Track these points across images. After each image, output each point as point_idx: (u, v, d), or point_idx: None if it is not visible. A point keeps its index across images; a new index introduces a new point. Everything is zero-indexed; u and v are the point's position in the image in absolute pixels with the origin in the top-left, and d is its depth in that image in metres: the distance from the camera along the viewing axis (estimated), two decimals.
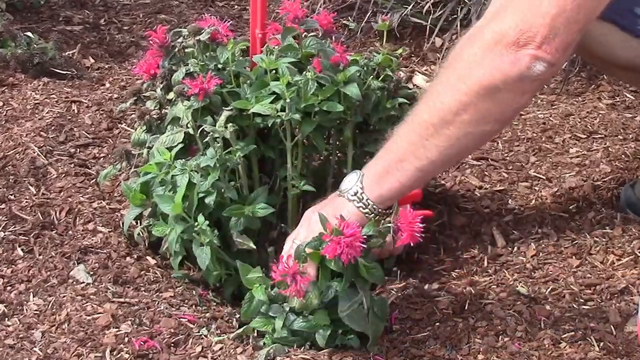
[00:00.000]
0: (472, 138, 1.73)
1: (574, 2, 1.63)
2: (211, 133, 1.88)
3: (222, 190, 1.91)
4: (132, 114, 2.51)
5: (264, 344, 1.82)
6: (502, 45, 1.64)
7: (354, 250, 1.68)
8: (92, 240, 2.09)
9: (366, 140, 2.06)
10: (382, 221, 1.77)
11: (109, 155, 2.41)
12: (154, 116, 2.07)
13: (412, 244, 1.75)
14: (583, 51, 2.21)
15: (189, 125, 1.95)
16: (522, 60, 1.63)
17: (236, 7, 3.52)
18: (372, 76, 2.01)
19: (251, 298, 1.81)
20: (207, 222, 1.86)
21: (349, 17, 3.21)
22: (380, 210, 1.78)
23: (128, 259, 2.05)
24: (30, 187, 2.26)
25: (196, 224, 1.86)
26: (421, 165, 1.75)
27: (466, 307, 1.91)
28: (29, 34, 2.99)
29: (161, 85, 2.03)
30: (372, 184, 1.76)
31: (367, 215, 1.77)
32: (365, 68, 2.02)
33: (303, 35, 1.99)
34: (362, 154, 2.06)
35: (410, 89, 2.09)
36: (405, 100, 2.01)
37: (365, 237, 1.71)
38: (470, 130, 1.71)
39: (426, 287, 2.01)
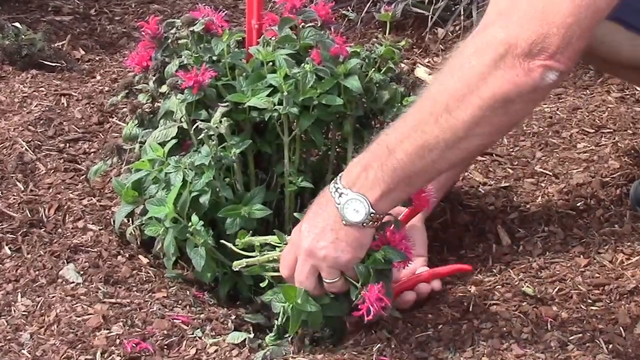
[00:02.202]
0: (482, 148, 1.78)
1: (588, 9, 1.62)
2: (206, 130, 1.88)
3: (217, 189, 1.91)
4: (123, 107, 2.51)
5: (260, 345, 1.82)
6: (513, 56, 1.62)
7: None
8: (82, 238, 2.09)
9: (372, 138, 2.04)
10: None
11: (100, 151, 2.41)
12: (147, 110, 2.07)
13: None
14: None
15: (182, 120, 1.95)
16: (535, 71, 1.62)
17: None
18: (373, 69, 2.01)
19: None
20: (201, 222, 1.85)
21: (348, 7, 3.21)
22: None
23: (119, 258, 2.05)
24: (18, 183, 2.26)
25: (190, 224, 1.85)
26: (430, 178, 1.76)
27: (470, 308, 1.91)
28: (17, 24, 2.99)
29: (154, 78, 2.03)
30: (380, 202, 1.71)
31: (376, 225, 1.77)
32: (366, 60, 2.01)
33: (301, 26, 1.99)
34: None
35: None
36: None
37: None
38: (482, 142, 1.72)
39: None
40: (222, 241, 1.90)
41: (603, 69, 2.72)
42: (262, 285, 1.86)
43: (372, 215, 1.71)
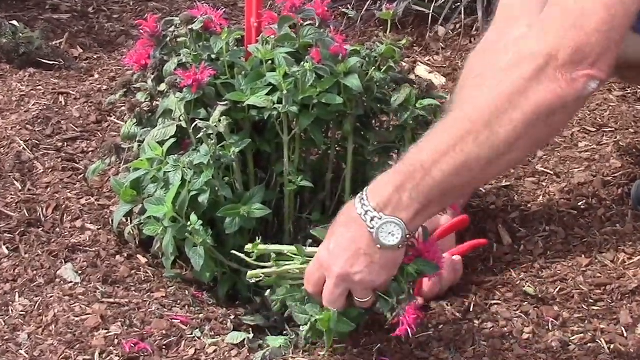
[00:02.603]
0: (520, 161, 1.79)
1: (624, 15, 1.60)
2: (205, 129, 1.88)
3: (216, 189, 1.91)
4: (122, 106, 2.50)
5: (260, 346, 1.82)
6: (554, 68, 1.59)
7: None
8: (81, 238, 2.08)
9: (378, 139, 2.04)
10: None
11: (98, 150, 2.40)
12: (145, 109, 2.07)
13: None
14: None
15: (181, 119, 1.95)
16: (578, 81, 1.60)
17: None
18: (374, 67, 2.00)
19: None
20: (200, 221, 1.85)
21: (348, 5, 3.21)
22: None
23: (118, 257, 2.05)
24: (15, 182, 2.26)
25: (189, 223, 1.85)
26: (467, 192, 1.78)
27: (471, 308, 1.91)
28: (15, 22, 2.98)
29: (152, 77, 2.02)
30: (414, 221, 1.69)
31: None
32: (367, 59, 2.01)
33: (300, 25, 1.99)
34: (373, 152, 2.05)
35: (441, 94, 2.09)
36: (436, 102, 1.99)
37: None
38: (521, 156, 1.71)
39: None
40: (233, 252, 1.87)
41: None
42: (280, 292, 1.85)
43: (407, 236, 1.68)
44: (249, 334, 1.85)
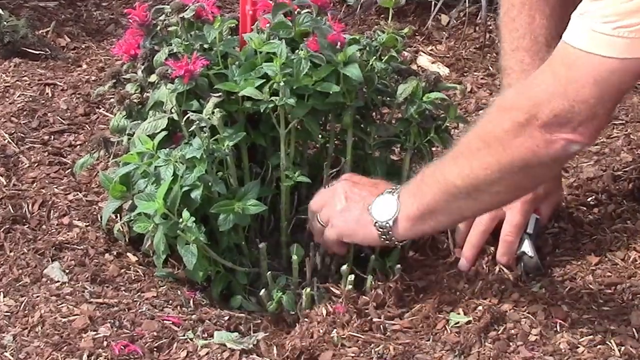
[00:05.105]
0: (506, 200, 1.89)
1: (613, 92, 1.65)
2: (197, 122, 1.87)
3: (209, 184, 1.91)
4: (111, 98, 2.50)
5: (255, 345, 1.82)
6: (534, 127, 1.67)
7: None
8: (68, 235, 2.08)
9: (380, 132, 2.04)
10: None
11: (86, 143, 2.40)
12: (135, 100, 2.06)
13: None
14: None
15: (173, 111, 1.94)
16: (557, 143, 1.67)
17: None
18: (375, 57, 2.00)
19: None
20: (192, 218, 1.85)
21: None
22: (399, 242, 1.92)
23: (107, 255, 2.04)
24: (0, 177, 2.26)
25: (181, 220, 1.85)
26: (454, 219, 1.92)
27: (477, 309, 1.90)
28: None
29: (142, 67, 2.02)
30: (403, 226, 1.86)
31: (385, 242, 1.90)
32: (367, 48, 2.00)
33: (296, 12, 1.98)
34: (374, 146, 2.05)
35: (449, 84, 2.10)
36: (443, 96, 1.99)
37: None
38: (504, 197, 1.84)
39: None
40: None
41: None
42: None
43: (389, 227, 1.87)
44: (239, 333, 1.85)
